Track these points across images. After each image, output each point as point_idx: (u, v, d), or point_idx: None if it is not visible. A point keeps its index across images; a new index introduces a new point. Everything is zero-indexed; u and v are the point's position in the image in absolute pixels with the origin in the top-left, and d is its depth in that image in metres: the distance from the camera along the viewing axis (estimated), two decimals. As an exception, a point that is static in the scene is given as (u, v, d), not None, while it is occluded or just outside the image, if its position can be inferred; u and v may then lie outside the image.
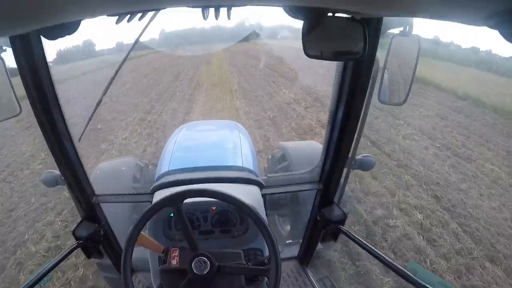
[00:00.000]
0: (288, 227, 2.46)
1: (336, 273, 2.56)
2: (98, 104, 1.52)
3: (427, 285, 1.05)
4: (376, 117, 6.12)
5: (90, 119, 1.51)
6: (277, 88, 9.64)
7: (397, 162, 4.44)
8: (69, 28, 0.84)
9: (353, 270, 2.62)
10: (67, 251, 1.40)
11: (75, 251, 1.45)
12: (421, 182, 3.92)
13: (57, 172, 1.40)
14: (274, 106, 7.43)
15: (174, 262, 1.06)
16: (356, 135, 1.32)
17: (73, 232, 1.47)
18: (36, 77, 1.05)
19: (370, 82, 1.17)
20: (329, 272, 2.51)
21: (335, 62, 1.18)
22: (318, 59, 0.87)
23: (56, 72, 1.14)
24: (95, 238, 1.51)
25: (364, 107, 1.24)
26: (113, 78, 1.49)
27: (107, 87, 1.50)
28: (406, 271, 1.13)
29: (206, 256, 0.99)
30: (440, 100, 8.37)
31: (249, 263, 1.12)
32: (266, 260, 1.09)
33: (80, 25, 0.86)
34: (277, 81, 10.64)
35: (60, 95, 1.17)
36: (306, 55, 0.86)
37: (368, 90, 1.18)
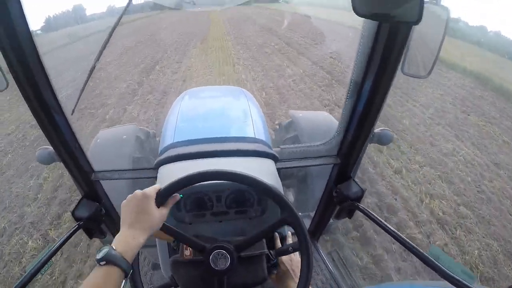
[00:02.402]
0: (293, 199, 2.37)
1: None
2: (91, 72, 1.36)
3: (449, 272, 0.98)
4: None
5: (83, 89, 1.36)
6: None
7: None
8: None
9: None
10: (68, 234, 1.32)
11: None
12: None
13: (52, 148, 1.27)
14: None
15: (187, 253, 0.96)
16: None
17: (73, 213, 1.38)
18: (17, 45, 0.89)
19: None
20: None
21: (363, 27, 1.05)
22: (367, 18, 0.77)
23: (45, 41, 0.98)
24: (96, 218, 1.42)
25: None
26: (105, 43, 1.32)
27: (100, 54, 1.34)
28: (427, 255, 1.07)
29: (225, 249, 0.88)
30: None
31: (271, 251, 1.02)
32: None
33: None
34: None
35: (51, 65, 1.02)
36: (355, 12, 0.72)
37: None
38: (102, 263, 0.69)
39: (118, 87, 6.95)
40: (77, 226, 1.36)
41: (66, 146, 1.20)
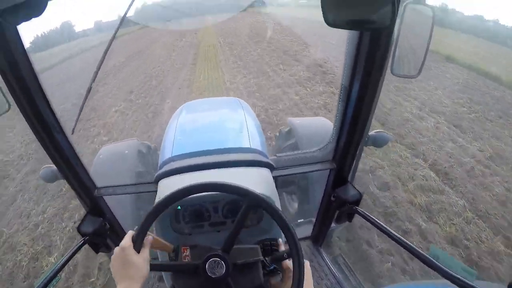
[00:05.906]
0: (297, 205, 2.40)
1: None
2: (88, 91, 1.38)
3: (449, 271, 1.02)
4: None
5: (81, 108, 1.38)
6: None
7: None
8: (35, 7, 0.65)
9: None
10: (74, 249, 1.33)
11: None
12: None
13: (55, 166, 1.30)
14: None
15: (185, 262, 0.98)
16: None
17: (78, 229, 1.39)
18: (15, 67, 0.93)
19: None
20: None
21: (348, 32, 1.08)
22: (340, 28, 0.75)
23: (36, 60, 1.00)
24: (101, 232, 1.45)
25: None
26: (101, 63, 1.35)
27: (95, 74, 1.38)
28: (428, 256, 1.10)
29: (220, 257, 0.90)
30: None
31: (266, 258, 1.04)
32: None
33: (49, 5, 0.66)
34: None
35: (45, 85, 1.04)
36: (326, 23, 0.74)
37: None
38: None
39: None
40: (82, 241, 1.37)
41: (68, 164, 1.23)
